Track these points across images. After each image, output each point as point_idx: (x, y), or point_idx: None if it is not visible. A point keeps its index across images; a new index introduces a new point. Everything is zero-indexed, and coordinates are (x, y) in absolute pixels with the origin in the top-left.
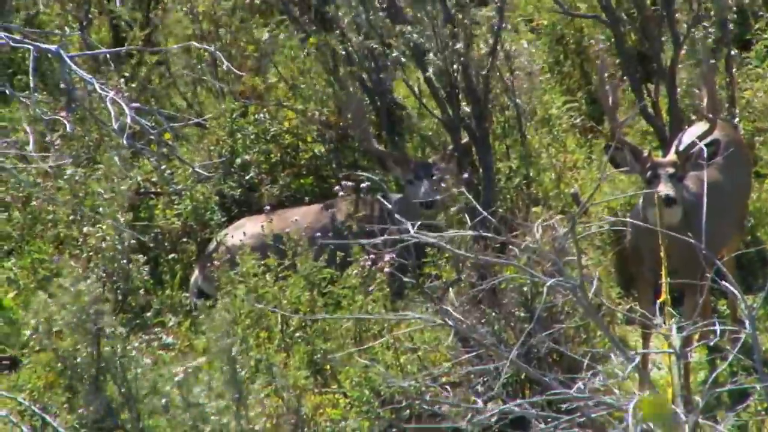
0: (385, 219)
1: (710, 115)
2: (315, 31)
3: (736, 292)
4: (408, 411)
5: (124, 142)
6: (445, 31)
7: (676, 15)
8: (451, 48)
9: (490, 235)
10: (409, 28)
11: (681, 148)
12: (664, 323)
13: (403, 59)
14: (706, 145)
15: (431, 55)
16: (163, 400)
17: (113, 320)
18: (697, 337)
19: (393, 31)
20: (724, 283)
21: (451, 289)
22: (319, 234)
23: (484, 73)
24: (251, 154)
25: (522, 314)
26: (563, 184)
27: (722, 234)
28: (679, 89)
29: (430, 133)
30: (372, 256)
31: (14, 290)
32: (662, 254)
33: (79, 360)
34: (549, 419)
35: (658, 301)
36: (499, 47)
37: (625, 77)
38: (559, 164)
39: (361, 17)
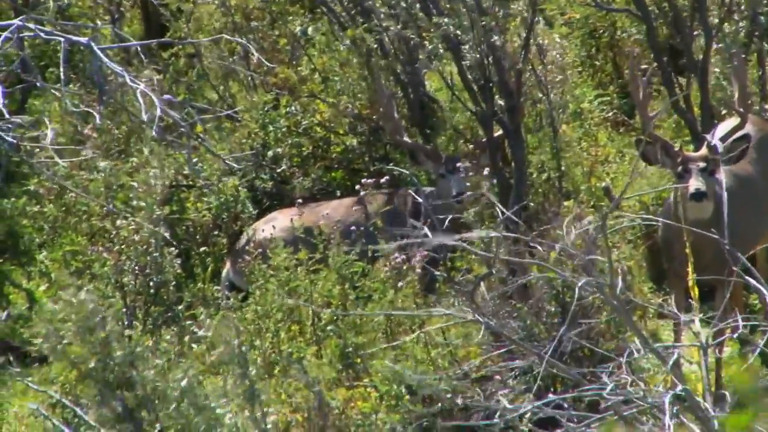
0: (417, 213)
1: (741, 110)
2: (350, 22)
3: (760, 287)
4: (439, 405)
5: (155, 133)
6: (480, 23)
7: (708, 9)
8: (486, 41)
9: (515, 235)
10: (446, 20)
11: (713, 142)
12: (696, 318)
13: (440, 50)
14: (737, 139)
15: (466, 47)
16: (173, 405)
17: (119, 326)
18: (728, 331)
19: (429, 23)
20: (747, 278)
21: (482, 283)
22: (354, 228)
23: (517, 66)
24: (283, 146)
25: (553, 309)
26: (594, 178)
27: (755, 228)
28: (710, 83)
29: (461, 127)
30: (403, 256)
31: (46, 283)
32: (687, 250)
33: (91, 366)
34: (579, 419)
35: (689, 292)
36: (531, 41)
37: (657, 70)
38: (591, 158)
39: (399, 6)
